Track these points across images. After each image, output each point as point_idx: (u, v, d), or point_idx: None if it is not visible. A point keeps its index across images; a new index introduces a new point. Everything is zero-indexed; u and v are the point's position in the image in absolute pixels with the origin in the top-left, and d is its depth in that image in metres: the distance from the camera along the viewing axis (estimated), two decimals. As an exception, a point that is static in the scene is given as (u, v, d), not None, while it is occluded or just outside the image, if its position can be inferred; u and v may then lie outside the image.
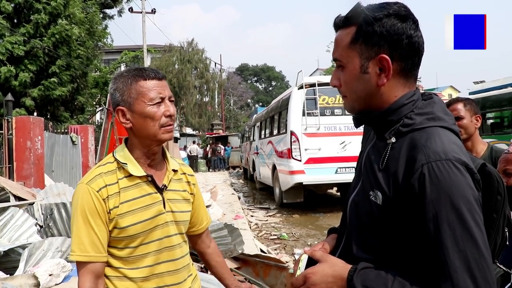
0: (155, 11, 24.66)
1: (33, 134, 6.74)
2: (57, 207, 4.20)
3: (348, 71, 1.13)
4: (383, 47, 1.07)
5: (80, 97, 15.47)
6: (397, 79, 1.10)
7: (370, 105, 1.14)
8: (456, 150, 1.00)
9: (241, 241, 4.05)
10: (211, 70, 38.75)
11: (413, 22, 1.08)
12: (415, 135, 1.05)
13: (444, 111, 1.12)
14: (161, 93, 1.50)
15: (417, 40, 1.08)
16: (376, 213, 1.08)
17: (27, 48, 12.63)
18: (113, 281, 1.52)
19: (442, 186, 0.95)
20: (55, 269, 2.85)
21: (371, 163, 1.15)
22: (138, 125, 1.50)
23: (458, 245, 0.92)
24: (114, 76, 1.61)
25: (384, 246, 1.07)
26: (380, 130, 1.15)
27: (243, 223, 8.39)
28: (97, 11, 16.73)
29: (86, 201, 1.45)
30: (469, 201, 0.95)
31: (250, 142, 17.72)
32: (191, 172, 1.79)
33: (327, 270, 1.08)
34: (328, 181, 9.92)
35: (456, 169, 0.96)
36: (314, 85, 9.91)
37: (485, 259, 0.92)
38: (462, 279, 0.90)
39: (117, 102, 1.52)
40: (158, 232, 1.54)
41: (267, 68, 76.09)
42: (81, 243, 1.44)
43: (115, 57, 26.81)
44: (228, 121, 50.86)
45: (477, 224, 0.94)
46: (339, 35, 1.15)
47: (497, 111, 12.01)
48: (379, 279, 1.00)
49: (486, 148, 2.64)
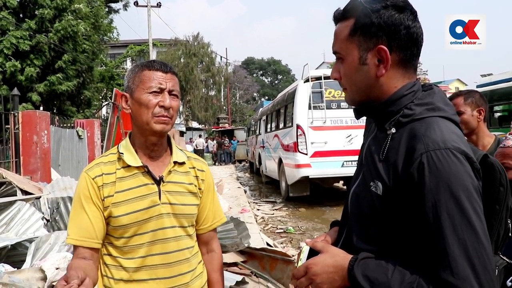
0: (160, 5, 24.64)
1: (39, 128, 6.76)
2: (64, 201, 4.21)
3: (348, 63, 1.14)
4: (381, 38, 1.07)
5: (86, 92, 15.54)
6: (396, 70, 1.11)
7: (370, 96, 1.15)
8: (455, 139, 1.00)
9: (247, 235, 4.04)
10: (217, 64, 38.74)
11: (411, 12, 1.08)
12: (415, 125, 1.05)
13: (444, 101, 1.12)
14: (161, 84, 1.52)
15: (416, 30, 1.09)
16: (376, 204, 1.08)
17: (33, 43, 12.66)
18: (111, 270, 1.54)
19: (441, 175, 0.95)
20: (62, 262, 2.85)
21: (372, 154, 1.15)
22: (134, 111, 1.55)
23: (457, 233, 0.92)
24: (130, 67, 1.69)
25: (385, 236, 1.08)
26: (380, 121, 1.16)
27: (249, 216, 8.41)
28: (102, 5, 16.76)
29: (82, 187, 1.51)
30: (468, 190, 0.95)
31: (256, 136, 17.71)
32: (203, 167, 1.74)
33: (328, 261, 1.10)
34: (334, 174, 9.90)
35: (455, 157, 0.96)
36: (320, 78, 9.88)
37: (484, 247, 0.92)
38: (462, 267, 0.91)
39: (124, 88, 1.59)
40: (152, 223, 1.53)
41: (273, 62, 75.95)
42: (74, 227, 1.49)
43: (121, 51, 26.85)
44: (234, 115, 50.88)
45: (476, 212, 0.94)
46: (338, 27, 1.17)
47: (505, 104, 11.90)
48: (379, 268, 1.01)
49: (494, 141, 2.58)
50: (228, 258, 4.08)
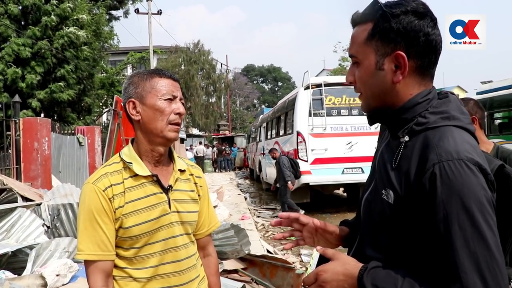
0: (161, 12, 24.72)
1: (40, 135, 6.77)
2: (64, 208, 4.20)
3: (364, 68, 1.12)
4: (399, 44, 1.06)
5: (86, 98, 15.54)
6: (413, 77, 1.09)
7: (385, 102, 1.13)
8: (469, 150, 0.98)
9: (248, 242, 4.04)
10: (217, 71, 38.80)
11: (431, 19, 1.07)
12: (429, 134, 1.03)
13: (459, 110, 1.09)
14: (174, 92, 1.55)
15: (435, 38, 1.07)
16: (387, 212, 1.07)
17: (34, 50, 12.70)
18: (118, 281, 1.52)
19: (453, 186, 0.93)
20: (62, 269, 2.85)
21: (384, 162, 1.14)
22: (147, 118, 1.52)
23: (468, 246, 0.90)
24: (130, 74, 1.65)
25: (395, 246, 1.06)
26: (394, 128, 1.14)
27: (250, 223, 8.40)
28: (104, 12, 16.81)
29: (93, 200, 1.46)
30: (481, 202, 0.92)
31: (257, 143, 17.72)
32: (200, 174, 1.76)
33: (338, 268, 1.08)
34: (335, 181, 9.91)
35: (468, 169, 0.94)
36: (320, 86, 9.91)
37: (496, 261, 0.90)
38: (472, 280, 0.89)
39: (129, 95, 1.55)
40: (163, 232, 1.53)
41: (273, 69, 76.04)
42: (89, 242, 1.45)
43: (121, 58, 26.91)
44: (234, 122, 50.89)
45: (488, 225, 0.92)
46: (356, 31, 1.15)
47: (505, 111, 11.91)
48: (388, 278, 1.00)
49: (492, 148, 2.57)
50: (229, 265, 4.07)
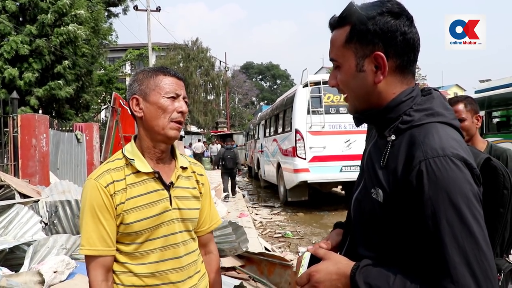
0: (160, 9, 24.63)
1: (38, 132, 6.75)
2: (62, 205, 4.20)
3: (345, 70, 1.14)
4: (377, 45, 1.07)
5: (85, 95, 15.52)
6: (394, 76, 1.10)
7: (370, 103, 1.14)
8: (454, 146, 0.99)
9: (246, 239, 4.04)
10: (216, 68, 38.79)
11: (407, 18, 1.08)
12: (414, 131, 1.05)
13: (443, 106, 1.11)
14: (177, 90, 1.56)
15: (412, 36, 1.08)
16: (377, 211, 1.08)
17: (32, 47, 12.66)
18: (119, 276, 1.54)
19: (439, 183, 0.94)
20: (60, 266, 2.85)
21: (372, 161, 1.15)
22: (149, 115, 1.54)
23: (457, 241, 0.92)
24: (136, 71, 1.67)
25: (386, 244, 1.07)
26: (380, 128, 1.15)
27: (248, 221, 8.41)
28: (102, 9, 16.76)
29: (95, 196, 1.48)
30: (468, 197, 0.94)
31: (255, 140, 17.73)
32: (202, 172, 1.78)
33: (330, 268, 1.09)
34: (333, 179, 9.91)
35: (454, 165, 0.96)
36: (319, 83, 9.91)
37: (485, 255, 0.91)
38: (462, 275, 0.90)
39: (133, 91, 1.57)
40: (164, 229, 1.55)
41: (272, 66, 75.95)
42: (90, 237, 1.47)
43: (120, 55, 26.89)
44: (233, 119, 50.89)
45: (476, 220, 0.93)
46: (334, 35, 1.16)
47: (503, 109, 11.92)
48: (381, 275, 1.00)
49: (486, 146, 2.64)
50: (226, 262, 4.07)
